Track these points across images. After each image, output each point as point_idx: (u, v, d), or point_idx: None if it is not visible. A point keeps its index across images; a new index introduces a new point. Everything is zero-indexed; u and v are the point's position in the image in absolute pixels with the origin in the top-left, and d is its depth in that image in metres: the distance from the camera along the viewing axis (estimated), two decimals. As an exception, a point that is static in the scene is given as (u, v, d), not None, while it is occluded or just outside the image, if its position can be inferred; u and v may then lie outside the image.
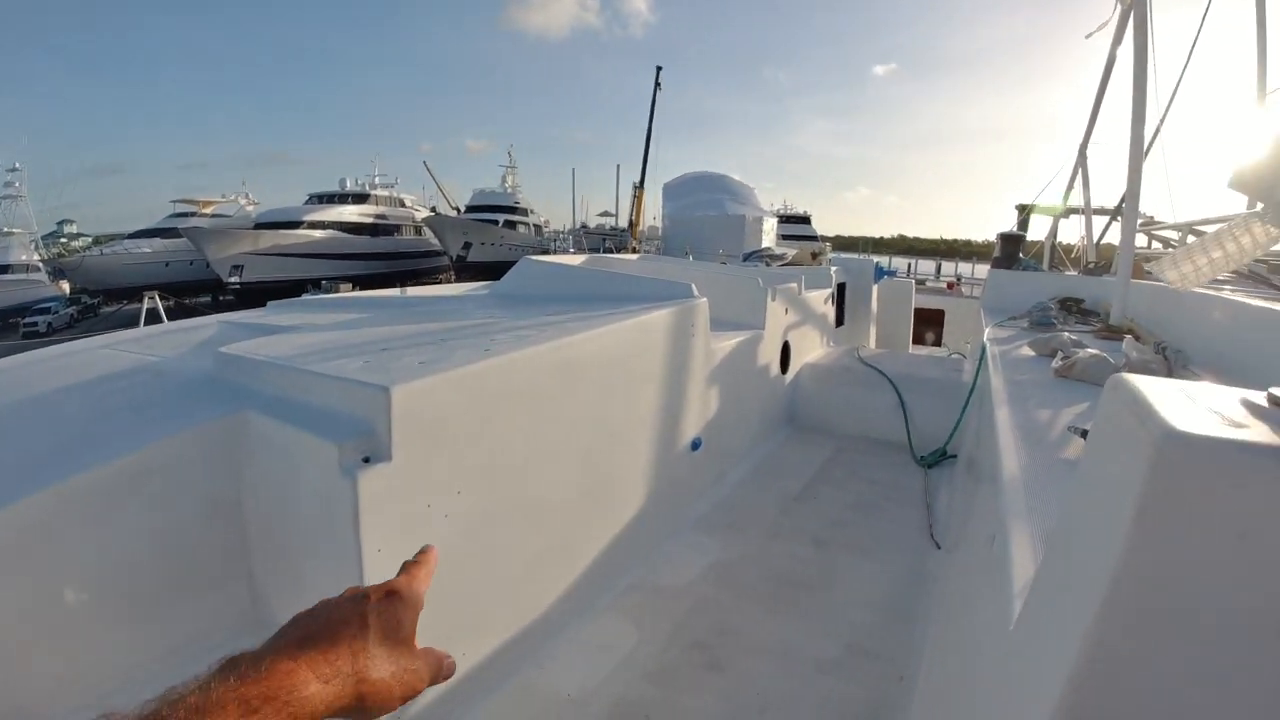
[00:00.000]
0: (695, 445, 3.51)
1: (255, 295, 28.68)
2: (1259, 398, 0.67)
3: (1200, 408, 0.64)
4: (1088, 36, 7.38)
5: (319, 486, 1.85)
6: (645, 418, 3.07)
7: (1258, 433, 0.59)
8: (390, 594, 0.60)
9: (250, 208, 44.28)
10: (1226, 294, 3.78)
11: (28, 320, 28.99)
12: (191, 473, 1.97)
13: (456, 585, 2.08)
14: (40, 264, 36.85)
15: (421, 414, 1.93)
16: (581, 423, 2.62)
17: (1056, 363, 2.87)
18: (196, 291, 35.38)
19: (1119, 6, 4.87)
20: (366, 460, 1.80)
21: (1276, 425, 0.61)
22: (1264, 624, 0.58)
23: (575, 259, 5.18)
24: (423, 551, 0.70)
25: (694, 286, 3.51)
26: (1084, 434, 1.86)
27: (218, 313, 3.81)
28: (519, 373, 2.28)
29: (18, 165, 40.31)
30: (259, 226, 35.61)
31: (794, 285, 5.18)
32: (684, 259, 6.45)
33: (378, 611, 0.57)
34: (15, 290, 33.08)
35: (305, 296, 5.34)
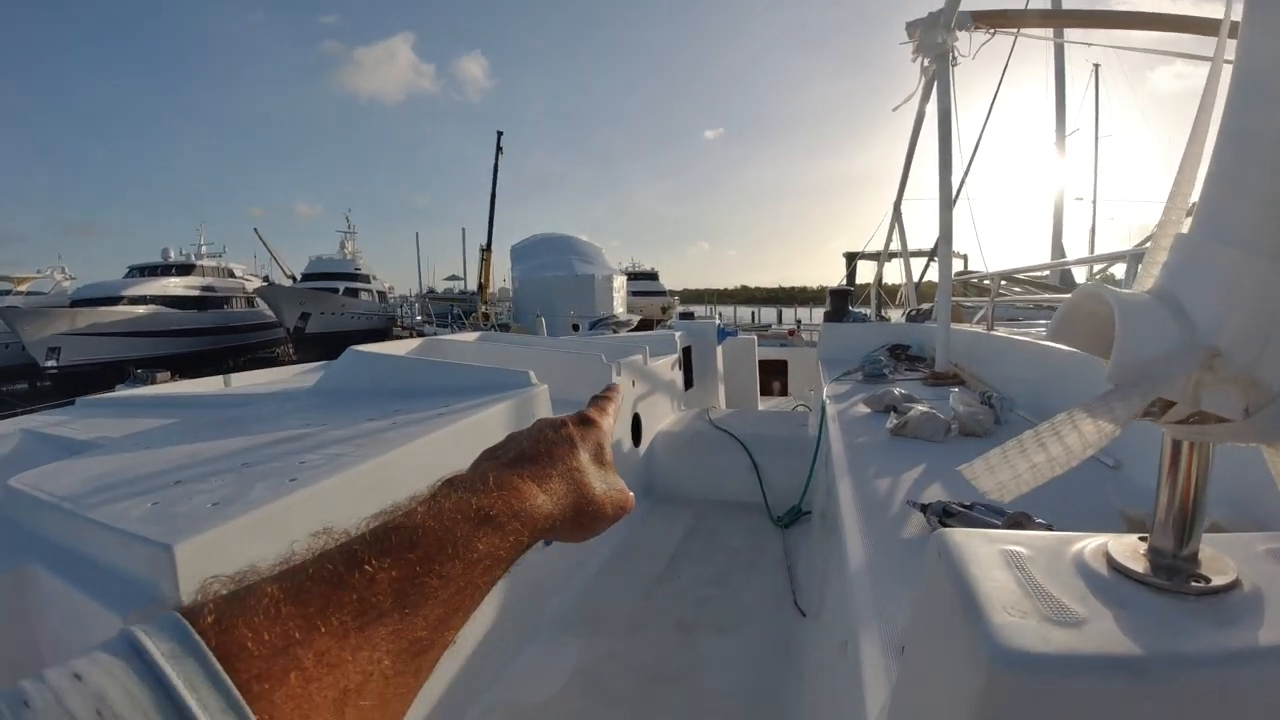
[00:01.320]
0: (547, 541, 3.32)
1: (74, 380, 25.65)
2: (1097, 559, 0.62)
3: (1032, 600, 0.58)
4: (894, 110, 8.12)
5: None
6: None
7: (1093, 633, 0.53)
8: (586, 420, 0.60)
9: (67, 283, 39.77)
10: (1039, 332, 4.14)
11: None
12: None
13: None
14: None
15: (217, 570, 1.65)
16: None
17: (890, 422, 2.98)
18: (12, 378, 30.95)
19: (922, 79, 5.36)
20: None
21: (1115, 604, 0.56)
22: None
23: (406, 345, 4.92)
24: (610, 388, 0.71)
25: (532, 374, 3.38)
26: (922, 509, 1.90)
27: (37, 400, 3.41)
28: (334, 502, 2.04)
29: None
30: (75, 304, 31.84)
31: (639, 356, 5.18)
32: (524, 338, 6.32)
33: (581, 434, 0.57)
34: None
35: (117, 390, 4.79)
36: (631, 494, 0.61)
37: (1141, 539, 0.64)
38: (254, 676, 0.30)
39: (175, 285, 36.06)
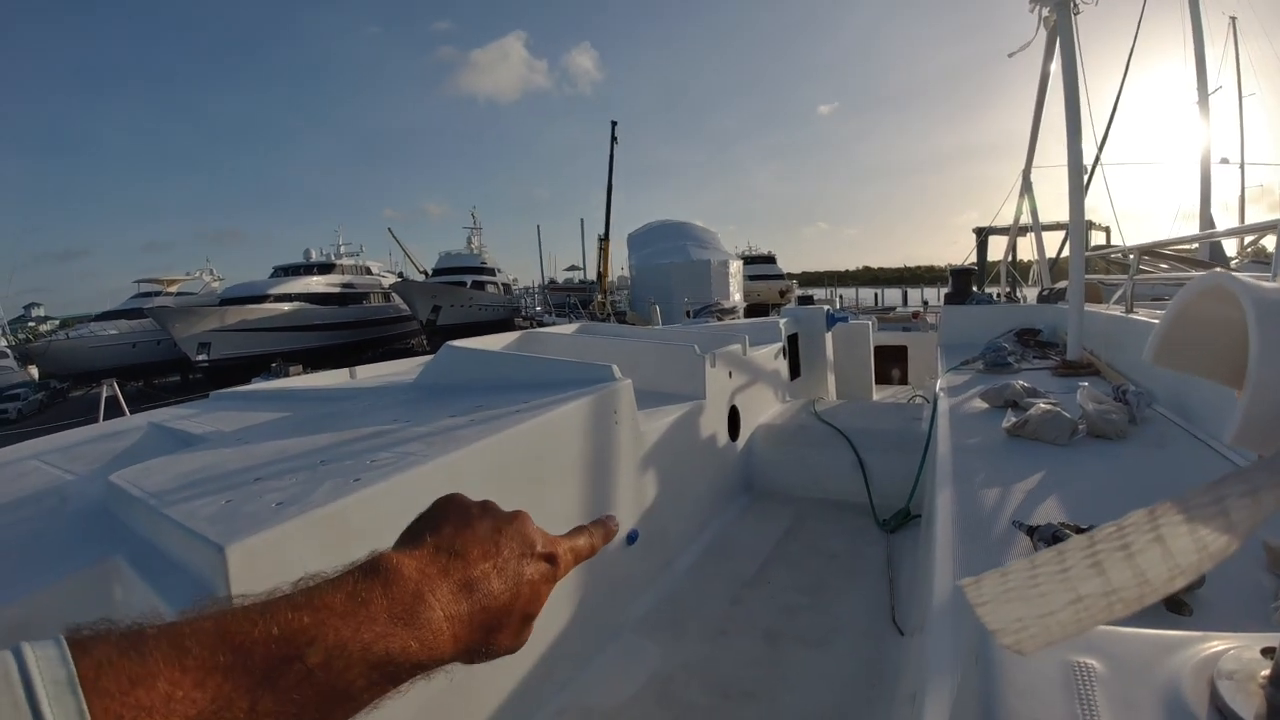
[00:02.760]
0: (631, 539, 3.24)
1: (224, 372, 28.26)
2: (1198, 690, 0.44)
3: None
4: (1010, 56, 7.43)
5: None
6: (565, 522, 2.79)
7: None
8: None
9: (215, 284, 43.78)
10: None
11: None
12: (69, 623, 1.76)
13: None
14: (7, 350, 36.02)
15: (268, 569, 1.68)
16: None
17: (1008, 421, 2.69)
18: (165, 371, 34.79)
19: (1042, 28, 4.86)
20: None
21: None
22: None
23: (503, 339, 4.95)
24: (603, 522, 0.61)
25: (615, 368, 3.29)
26: (1029, 532, 1.65)
27: (187, 391, 3.84)
28: (393, 502, 2.03)
29: None
30: (224, 303, 35.05)
31: (737, 346, 4.98)
32: (620, 329, 6.25)
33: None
34: None
35: (252, 384, 5.15)
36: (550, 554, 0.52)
37: (1267, 653, 0.45)
38: None
39: (317, 283, 38.80)
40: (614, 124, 35.42)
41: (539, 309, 42.05)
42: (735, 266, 32.59)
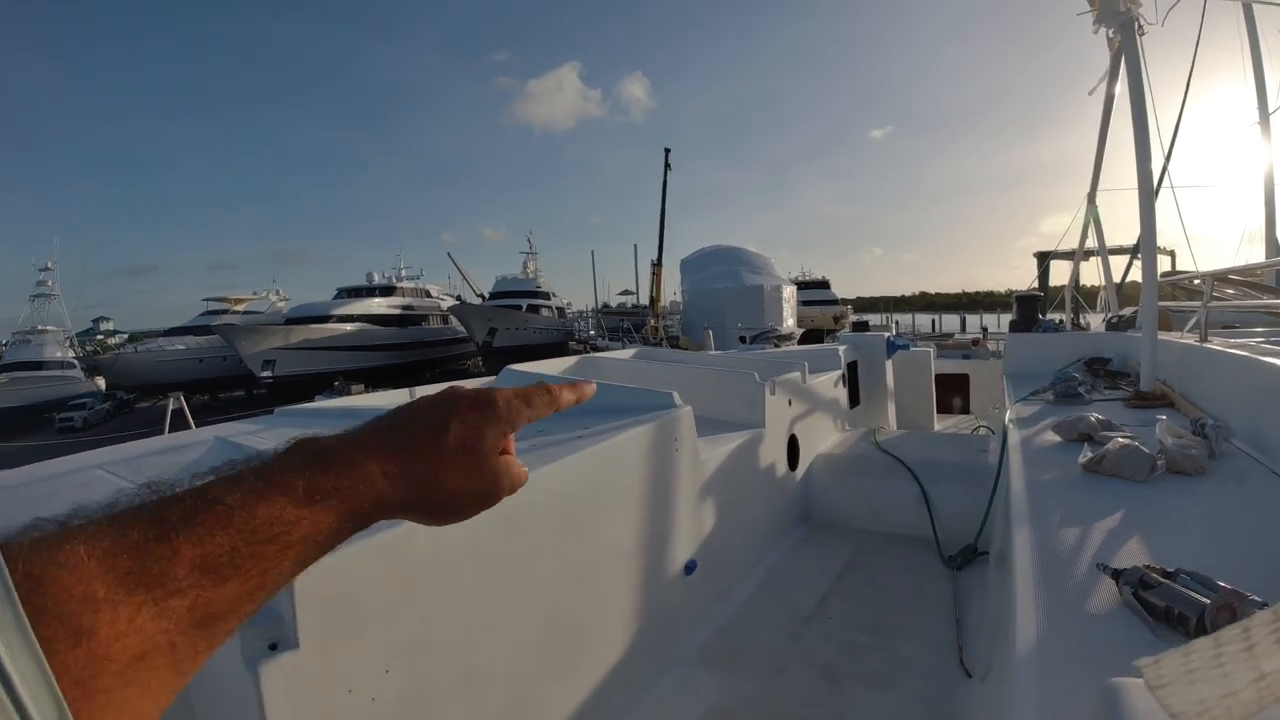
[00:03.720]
0: (690, 569, 3.20)
1: (287, 388, 29.24)
2: None
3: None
4: (1090, 93, 7.25)
5: (231, 671, 1.67)
6: (623, 550, 2.78)
7: None
8: (481, 403, 0.55)
9: (280, 304, 45.54)
10: (1260, 345, 3.46)
11: (63, 415, 29.77)
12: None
13: None
14: (75, 360, 38.02)
15: (333, 591, 1.70)
16: (539, 570, 2.35)
17: (1084, 456, 2.57)
18: (230, 386, 36.24)
19: (1107, 49, 4.75)
20: (274, 647, 1.60)
21: None
22: None
23: (561, 363, 4.99)
24: (575, 385, 0.67)
25: (676, 395, 3.27)
26: (1115, 575, 1.57)
27: (252, 406, 3.94)
28: (455, 529, 2.03)
29: (50, 264, 41.87)
30: (290, 322, 36.43)
31: (797, 374, 4.90)
32: (678, 354, 6.24)
33: (462, 418, 0.54)
34: (50, 386, 34.23)
35: (315, 401, 5.29)
36: (510, 481, 0.58)
37: None
38: (54, 634, 0.31)
39: (378, 305, 40.04)
40: (667, 151, 35.84)
41: (592, 333, 42.41)
42: (789, 292, 32.42)
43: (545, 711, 2.36)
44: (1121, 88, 4.89)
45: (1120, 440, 2.48)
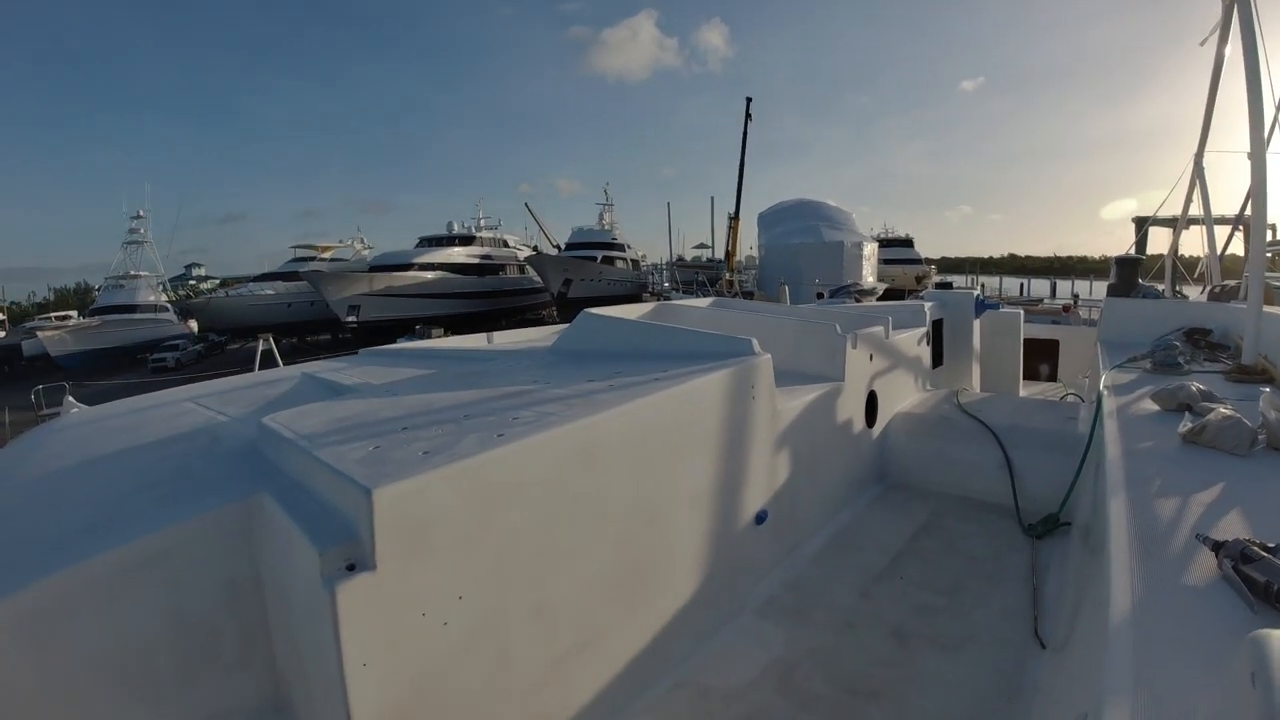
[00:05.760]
0: (760, 519, 3.17)
1: (371, 333, 30.36)
2: None
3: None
4: (1201, 44, 6.68)
5: (308, 589, 1.75)
6: (695, 495, 2.77)
7: None
8: None
9: (365, 252, 47.03)
10: None
11: (155, 356, 31.83)
12: (211, 554, 1.99)
13: (461, 696, 1.90)
14: (168, 304, 40.30)
15: (412, 516, 1.74)
16: (612, 507, 2.36)
17: (1184, 426, 2.43)
18: (317, 330, 37.89)
19: (1219, 5, 4.35)
20: (351, 568, 1.66)
21: None
22: None
23: (638, 309, 4.95)
24: None
25: (755, 342, 3.20)
26: (1215, 547, 1.47)
27: (337, 349, 4.20)
28: (534, 460, 2.06)
29: (142, 212, 43.84)
30: (373, 269, 37.58)
31: (879, 328, 4.74)
32: (757, 305, 6.12)
33: None
34: (143, 328, 36.49)
35: (398, 343, 5.47)
36: None
37: None
38: None
39: (458, 254, 40.89)
40: (749, 100, 34.79)
41: (666, 285, 42.28)
42: (870, 249, 31.44)
43: (611, 648, 2.40)
44: (1234, 46, 4.48)
45: (1223, 411, 2.39)
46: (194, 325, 38.36)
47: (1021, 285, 42.56)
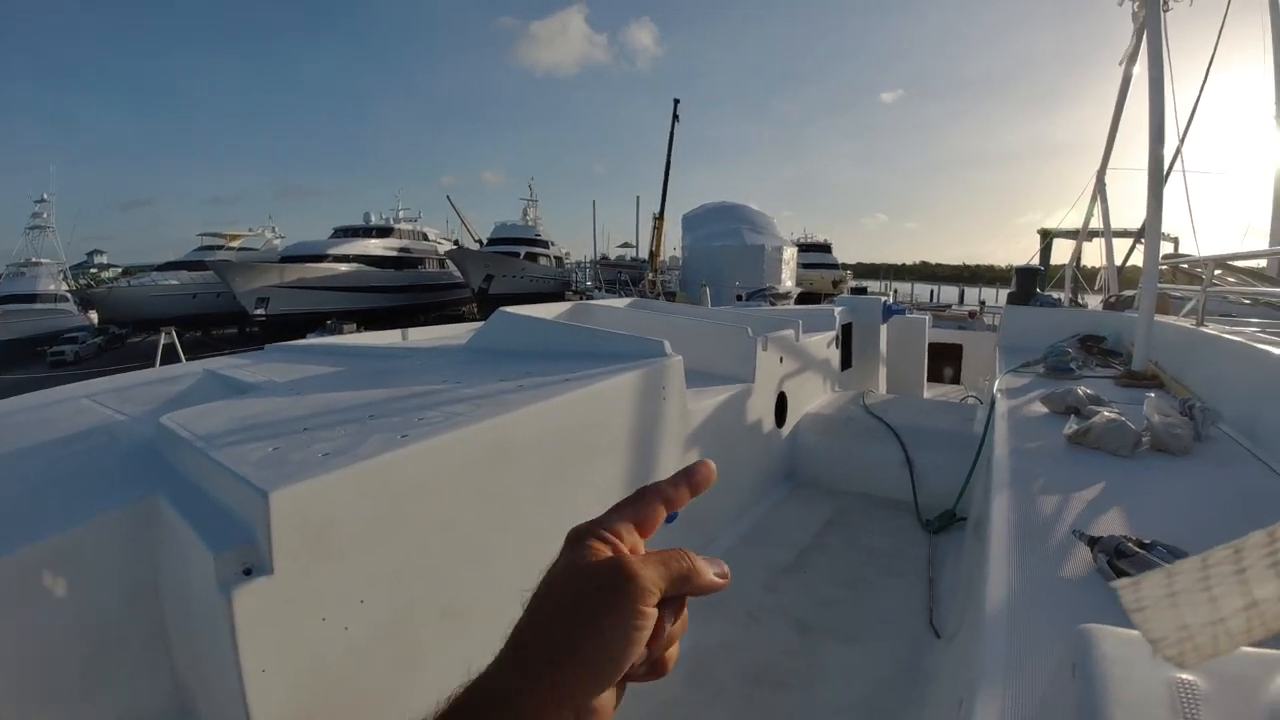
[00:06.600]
0: (670, 518, 3.21)
1: (281, 327, 29.10)
2: None
3: None
4: (1120, 63, 7.12)
5: (205, 594, 1.68)
6: (607, 494, 2.78)
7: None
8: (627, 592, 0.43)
9: (276, 241, 44.95)
10: (1255, 333, 3.46)
11: (54, 349, 29.67)
12: (109, 558, 1.90)
13: (367, 698, 1.86)
14: (68, 294, 37.66)
15: (310, 518, 1.70)
16: (523, 508, 2.36)
17: (1069, 428, 2.58)
18: (224, 323, 36.03)
19: (1130, 25, 4.66)
20: (248, 572, 1.60)
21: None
22: None
23: (555, 308, 4.95)
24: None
25: (667, 344, 3.25)
26: (1091, 543, 1.58)
27: (245, 344, 3.94)
28: (439, 461, 2.04)
29: (46, 196, 40.91)
30: (284, 260, 36.04)
31: (790, 331, 4.89)
32: (674, 307, 6.21)
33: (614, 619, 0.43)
34: (43, 319, 33.94)
35: (307, 338, 5.26)
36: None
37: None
38: None
39: (375, 246, 39.63)
40: (676, 101, 35.11)
41: (590, 284, 42.19)
42: (789, 253, 32.20)
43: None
44: (1141, 67, 4.80)
45: (1107, 415, 2.49)
46: (94, 317, 35.87)
47: (932, 291, 44.40)
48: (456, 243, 47.07)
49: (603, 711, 0.43)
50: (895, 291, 34.86)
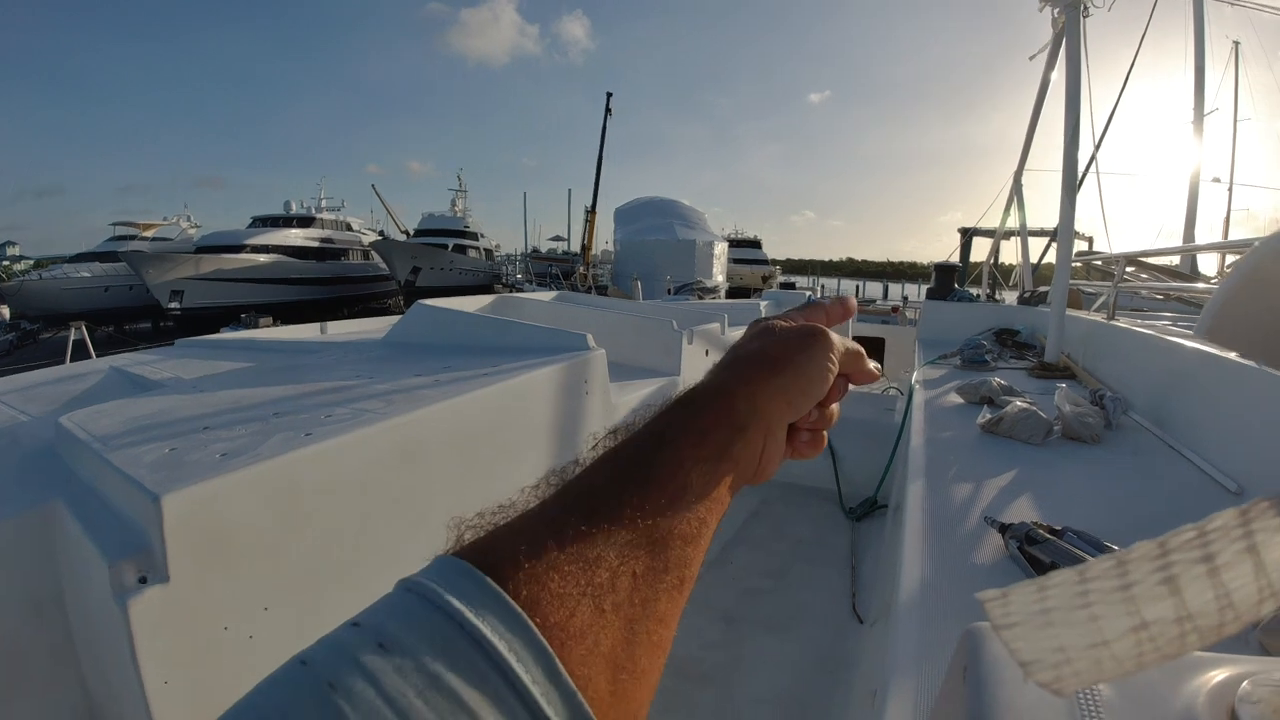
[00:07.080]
0: None
1: (197, 321, 27.69)
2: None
3: None
4: (1030, 58, 7.39)
5: (102, 604, 1.57)
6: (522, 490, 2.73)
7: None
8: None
9: (192, 231, 42.73)
10: (1165, 326, 3.63)
11: None
12: (9, 568, 1.77)
13: None
14: None
15: (206, 523, 1.59)
16: (438, 507, 2.27)
17: (982, 417, 2.65)
18: (137, 317, 33.99)
19: (1050, 30, 4.81)
20: (144, 580, 1.50)
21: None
22: None
23: (478, 301, 4.84)
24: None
25: (590, 337, 3.20)
26: (1002, 529, 1.61)
27: (158, 339, 3.72)
28: (345, 460, 1.94)
29: None
30: (200, 250, 34.24)
31: (716, 325, 4.90)
32: (599, 300, 6.17)
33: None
34: None
35: (220, 333, 5.00)
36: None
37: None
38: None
39: (296, 236, 38.08)
40: (609, 95, 35.01)
41: (520, 277, 41.71)
42: (720, 249, 32.54)
43: None
44: (1059, 72, 4.96)
45: (1019, 404, 2.57)
46: (5, 312, 33.31)
47: (857, 287, 45.61)
48: (382, 233, 45.81)
49: (778, 451, 0.47)
50: (823, 287, 35.67)
